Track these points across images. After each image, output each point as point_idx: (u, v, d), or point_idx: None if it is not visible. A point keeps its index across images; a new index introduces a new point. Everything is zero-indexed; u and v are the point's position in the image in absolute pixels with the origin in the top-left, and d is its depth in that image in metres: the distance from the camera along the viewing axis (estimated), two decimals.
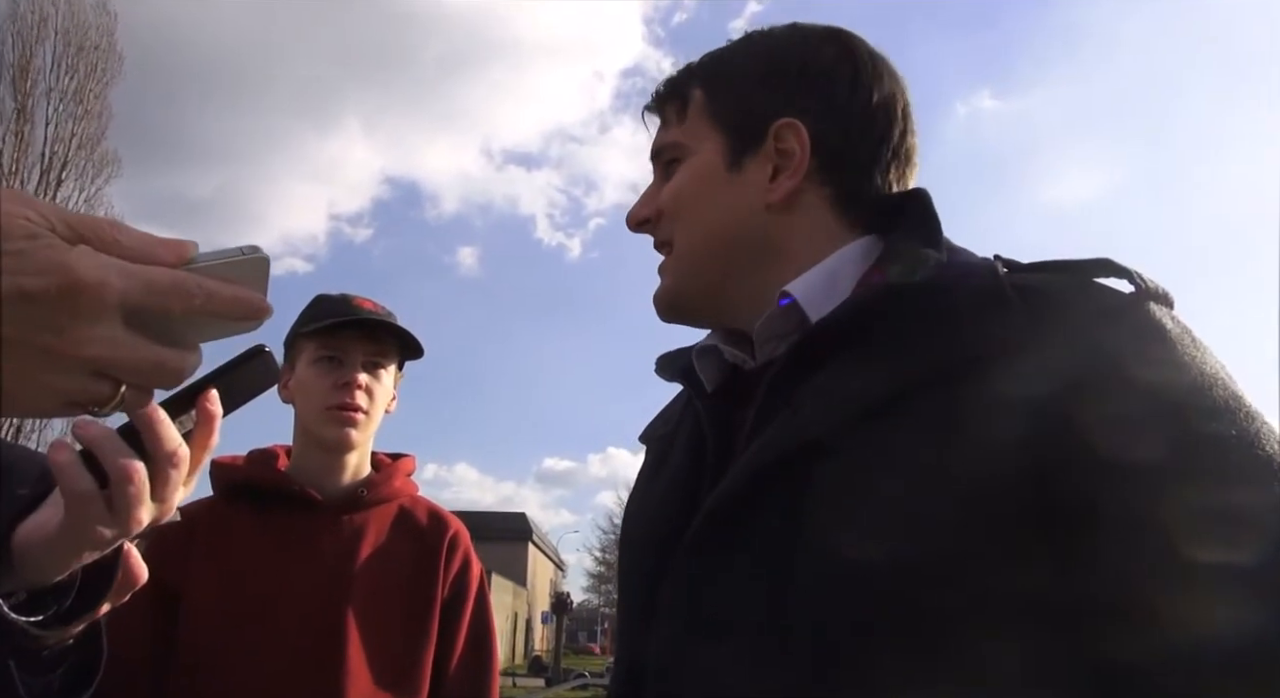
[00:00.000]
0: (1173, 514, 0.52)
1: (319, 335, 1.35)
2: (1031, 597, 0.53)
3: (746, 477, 0.62)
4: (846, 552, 0.57)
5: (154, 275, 0.42)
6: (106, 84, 16.90)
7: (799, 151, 0.71)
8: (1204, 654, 0.50)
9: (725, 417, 0.72)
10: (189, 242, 0.44)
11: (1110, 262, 0.63)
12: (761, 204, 0.72)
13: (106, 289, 0.40)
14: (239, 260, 0.45)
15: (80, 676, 0.84)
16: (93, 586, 0.65)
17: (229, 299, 0.44)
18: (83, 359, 0.41)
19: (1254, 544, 0.51)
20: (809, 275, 0.70)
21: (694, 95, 0.76)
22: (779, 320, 0.70)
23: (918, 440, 0.58)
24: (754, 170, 0.72)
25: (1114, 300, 0.60)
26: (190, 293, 0.42)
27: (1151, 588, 0.52)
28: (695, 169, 0.75)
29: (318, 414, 1.34)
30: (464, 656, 1.38)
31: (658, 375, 0.82)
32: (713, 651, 0.61)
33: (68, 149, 16.50)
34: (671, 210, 0.76)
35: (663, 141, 0.78)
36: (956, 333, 0.60)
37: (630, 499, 0.84)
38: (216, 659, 1.24)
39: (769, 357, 0.71)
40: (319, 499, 1.35)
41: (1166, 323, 0.59)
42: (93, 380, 0.42)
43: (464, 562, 1.42)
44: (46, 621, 0.62)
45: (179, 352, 0.44)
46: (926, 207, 0.70)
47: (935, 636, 0.54)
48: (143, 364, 0.43)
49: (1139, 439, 0.54)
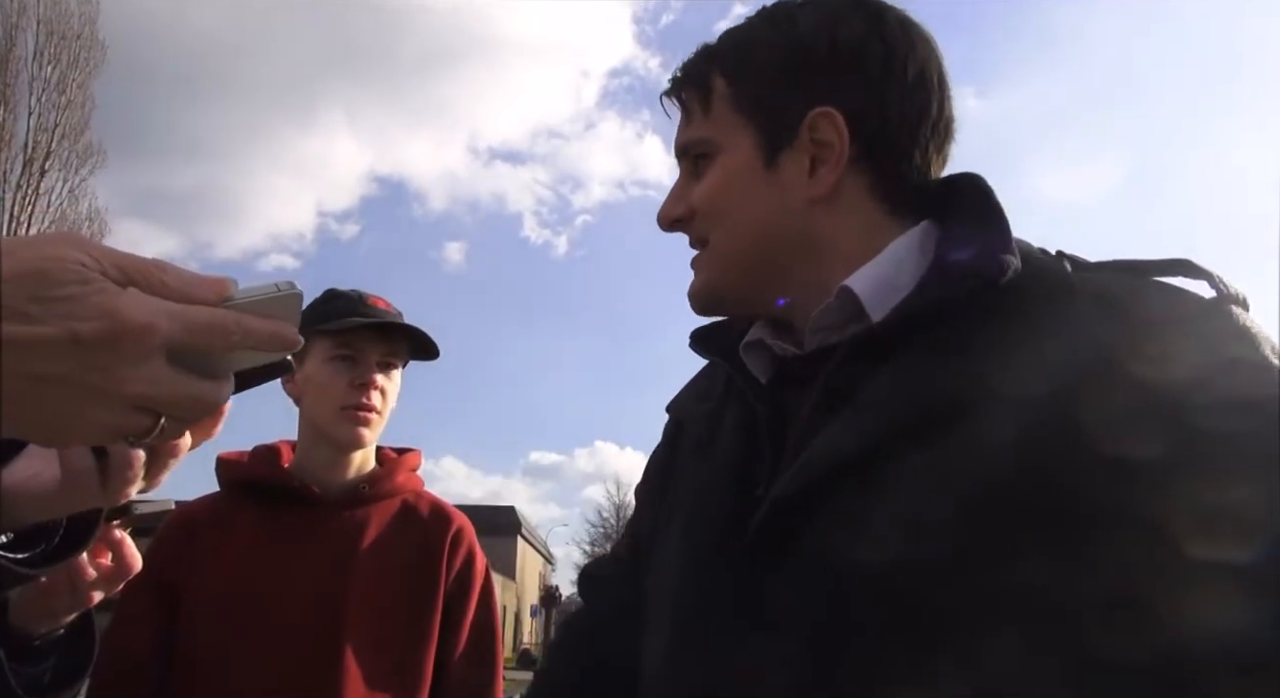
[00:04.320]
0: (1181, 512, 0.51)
1: (335, 334, 1.34)
2: (1034, 594, 0.53)
3: (806, 479, 0.61)
4: (863, 553, 0.57)
5: (196, 316, 0.45)
6: (89, 74, 16.73)
7: (838, 142, 0.68)
8: (1205, 652, 0.50)
9: (777, 401, 0.71)
10: (228, 279, 0.46)
11: (1189, 262, 0.61)
12: (803, 200, 0.69)
13: (153, 332, 0.42)
14: (274, 297, 0.48)
15: (73, 667, 0.84)
16: (77, 528, 0.66)
17: (266, 335, 0.47)
18: (127, 396, 0.43)
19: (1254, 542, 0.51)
20: (869, 269, 0.67)
21: (716, 85, 0.72)
22: (834, 312, 0.68)
23: (957, 442, 0.57)
24: (791, 165, 0.69)
25: (1196, 307, 0.58)
26: (230, 331, 0.45)
27: (1151, 586, 0.51)
28: (729, 168, 0.71)
29: (332, 413, 1.34)
30: (467, 650, 1.38)
31: (692, 349, 0.80)
32: (760, 650, 0.61)
33: (51, 140, 16.33)
34: (707, 211, 0.72)
35: (689, 137, 0.74)
36: (1027, 339, 0.58)
37: (659, 468, 0.83)
38: (218, 656, 1.24)
39: (819, 344, 0.70)
40: (320, 495, 1.34)
41: (1253, 328, 0.57)
42: (135, 414, 0.45)
43: (467, 557, 1.42)
44: (33, 559, 0.63)
45: (215, 384, 0.47)
46: (988, 197, 0.67)
47: (937, 634, 0.54)
48: (183, 399, 0.45)
49: (1238, 456, 0.52)
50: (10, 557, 0.62)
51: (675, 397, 0.87)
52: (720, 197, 0.71)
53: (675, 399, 0.86)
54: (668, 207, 0.75)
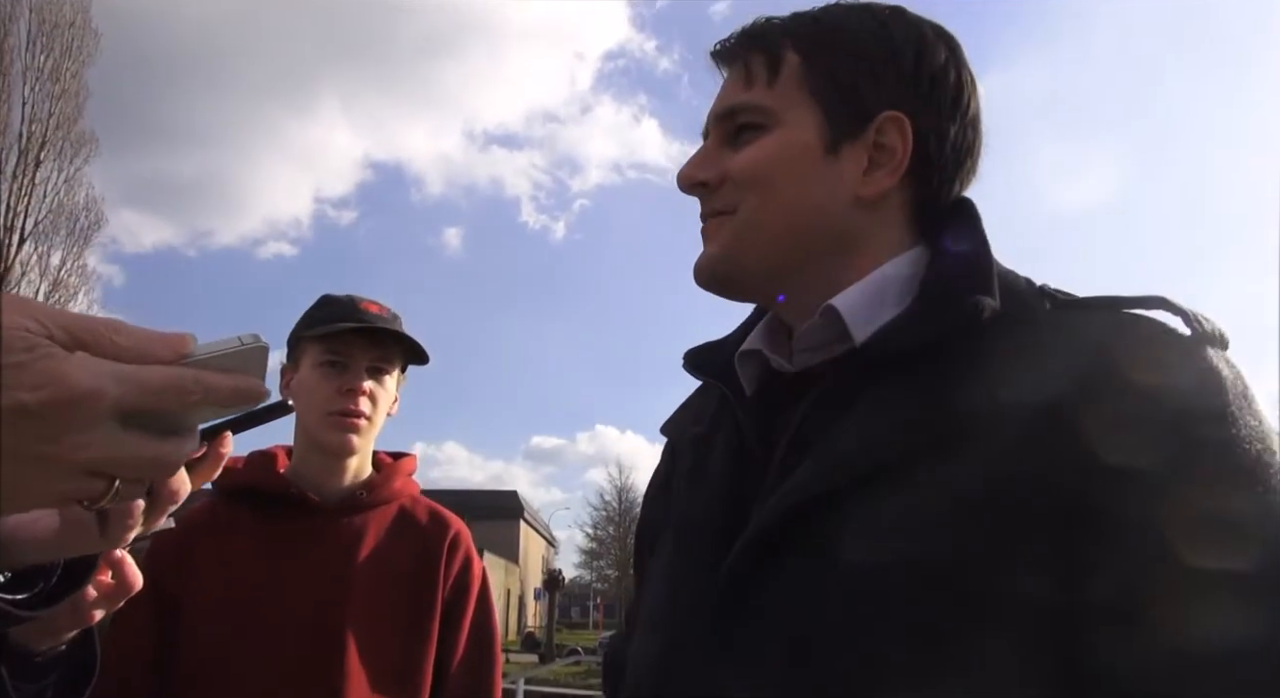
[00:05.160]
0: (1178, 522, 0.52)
1: (324, 339, 1.33)
2: (1037, 602, 0.54)
3: (780, 513, 0.62)
4: (860, 562, 0.58)
5: (150, 378, 0.42)
6: (83, 63, 16.62)
7: (901, 149, 0.68)
8: (1203, 658, 0.50)
9: (765, 420, 0.71)
10: (187, 335, 0.44)
11: (1165, 299, 0.62)
12: (851, 196, 0.69)
13: (101, 397, 0.41)
14: (236, 351, 0.45)
15: (74, 683, 0.84)
16: (76, 566, 0.66)
17: (228, 391, 0.45)
18: (78, 462, 0.42)
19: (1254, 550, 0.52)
20: (856, 289, 0.68)
21: (789, 58, 0.70)
22: (819, 331, 0.69)
23: (942, 464, 0.58)
24: (850, 159, 0.69)
25: (1164, 350, 0.59)
26: (187, 391, 0.43)
27: (1151, 592, 0.52)
28: (787, 143, 0.69)
29: (320, 419, 1.33)
30: (466, 655, 1.38)
31: (686, 372, 0.79)
32: (741, 666, 0.61)
33: (45, 129, 16.24)
34: (748, 180, 0.69)
35: (744, 101, 0.71)
36: (1005, 379, 0.59)
37: (658, 492, 0.83)
38: (217, 664, 1.24)
39: (806, 364, 0.70)
40: (317, 502, 1.34)
41: (1224, 371, 0.58)
42: (88, 480, 0.43)
43: (465, 562, 1.42)
44: (31, 600, 0.63)
45: (176, 442, 0.45)
46: (973, 220, 0.69)
47: (937, 640, 0.55)
48: (138, 462, 0.43)
49: (1211, 513, 0.53)
50: (9, 598, 0.61)
51: (669, 418, 0.86)
52: (771, 169, 0.69)
53: (669, 421, 0.86)
54: (692, 168, 0.72)
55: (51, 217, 16.39)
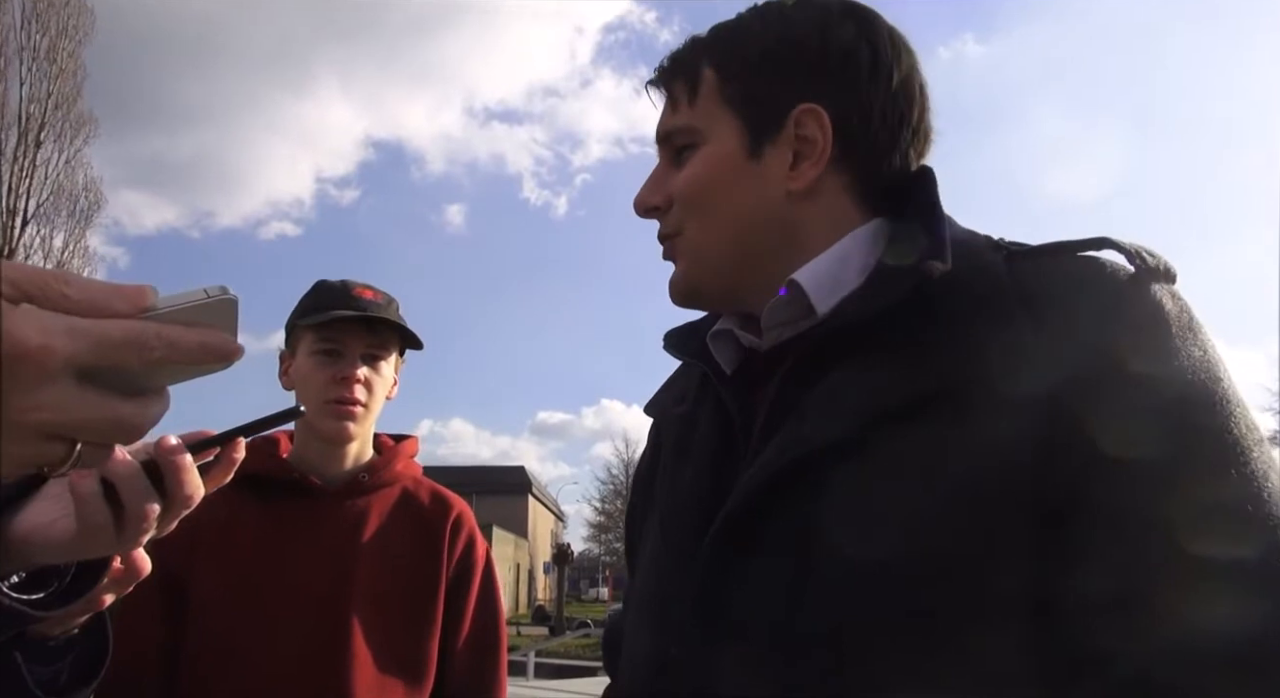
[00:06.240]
0: (1172, 509, 0.52)
1: (318, 328, 1.33)
2: (1032, 592, 0.54)
3: (756, 485, 0.63)
4: (850, 551, 0.58)
5: (106, 331, 0.39)
6: (79, 42, 16.54)
7: (821, 139, 0.69)
8: (1203, 650, 0.50)
9: (746, 398, 0.72)
10: (147, 287, 0.41)
11: (1109, 240, 0.63)
12: (782, 193, 0.70)
13: (50, 353, 0.37)
14: (204, 304, 0.42)
15: (87, 666, 0.85)
16: (90, 565, 0.67)
17: (194, 347, 0.41)
18: (30, 424, 0.38)
19: (1254, 539, 0.52)
20: (816, 262, 0.69)
21: (705, 75, 0.73)
22: (783, 308, 0.70)
23: (923, 442, 0.59)
24: (774, 158, 0.70)
25: (1112, 289, 0.60)
26: (148, 345, 0.40)
27: (1150, 582, 0.52)
28: (713, 158, 0.72)
29: (316, 407, 1.34)
30: (470, 636, 1.39)
31: (667, 352, 0.81)
32: (725, 651, 0.62)
33: (44, 109, 16.19)
34: (687, 199, 0.73)
35: (673, 125, 0.75)
36: (964, 336, 0.61)
37: (646, 473, 0.84)
38: (223, 648, 1.26)
39: (776, 341, 0.72)
40: (320, 486, 1.35)
41: (1167, 306, 0.60)
42: (45, 443, 0.40)
43: (468, 543, 1.43)
44: (46, 600, 0.63)
45: (140, 403, 0.41)
46: (929, 188, 0.70)
47: (936, 632, 0.55)
48: (98, 423, 0.40)
49: (1138, 435, 0.54)
50: (24, 598, 0.61)
51: (652, 398, 0.87)
52: (702, 186, 0.72)
53: (652, 401, 0.87)
54: (645, 194, 0.76)
55: (53, 198, 16.41)
